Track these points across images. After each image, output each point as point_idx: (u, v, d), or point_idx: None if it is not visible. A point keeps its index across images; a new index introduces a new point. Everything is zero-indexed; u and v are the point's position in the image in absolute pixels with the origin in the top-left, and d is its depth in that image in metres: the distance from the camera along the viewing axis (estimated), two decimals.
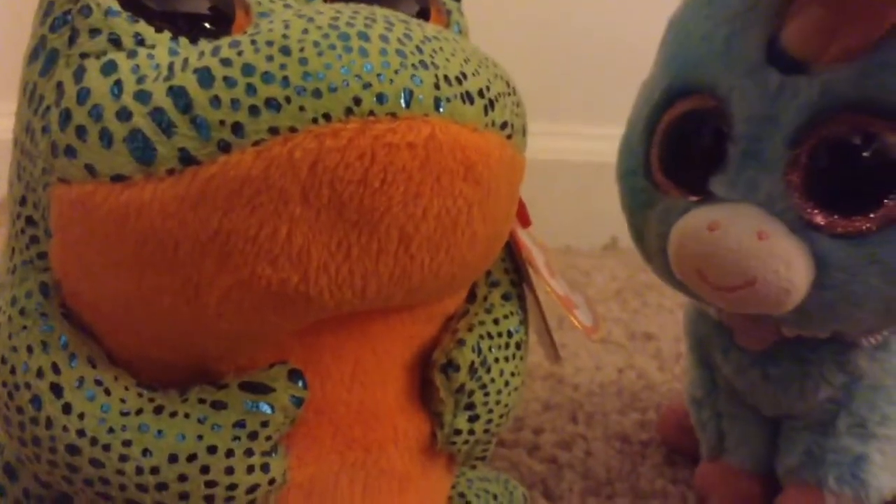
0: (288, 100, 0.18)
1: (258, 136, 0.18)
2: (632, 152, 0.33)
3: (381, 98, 0.19)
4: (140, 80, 0.19)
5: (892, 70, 0.26)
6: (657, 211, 0.31)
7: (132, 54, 0.20)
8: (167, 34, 0.21)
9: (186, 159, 0.19)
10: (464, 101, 0.20)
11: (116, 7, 0.21)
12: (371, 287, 0.21)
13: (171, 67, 0.19)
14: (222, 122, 0.18)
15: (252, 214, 0.19)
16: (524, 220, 0.30)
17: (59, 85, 0.21)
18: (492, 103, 0.21)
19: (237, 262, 0.19)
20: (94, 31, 0.21)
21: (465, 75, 0.20)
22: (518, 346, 0.28)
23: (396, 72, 0.19)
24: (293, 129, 0.18)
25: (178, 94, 0.19)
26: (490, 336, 0.27)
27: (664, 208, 0.31)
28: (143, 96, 0.19)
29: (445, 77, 0.20)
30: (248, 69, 0.19)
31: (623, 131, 0.34)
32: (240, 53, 0.19)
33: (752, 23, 0.29)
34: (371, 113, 0.19)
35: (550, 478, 0.40)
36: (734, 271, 0.28)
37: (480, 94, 0.21)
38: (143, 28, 0.21)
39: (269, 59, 0.19)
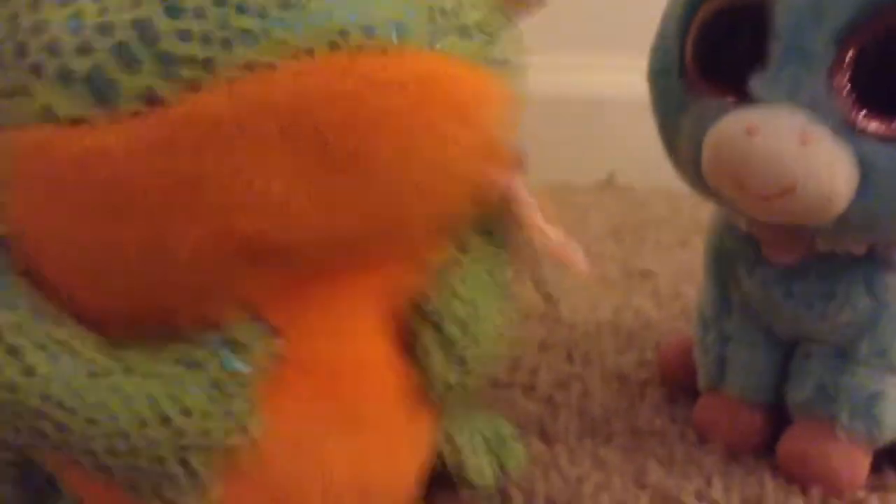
0: (265, 33, 0.17)
1: (231, 73, 0.17)
2: (665, 50, 0.31)
3: (369, 31, 0.17)
4: (102, 10, 0.18)
5: None
6: (691, 114, 0.30)
7: None
8: None
9: (153, 99, 0.17)
10: (460, 36, 0.19)
11: None
12: (354, 234, 0.20)
13: None
14: (192, 58, 0.17)
15: (226, 161, 0.17)
16: (519, 166, 0.29)
17: (13, 16, 0.19)
18: (490, 38, 0.20)
19: (209, 212, 0.18)
20: None
21: (461, 7, 0.19)
22: (508, 295, 0.27)
23: (386, 2, 0.17)
24: (271, 66, 0.17)
25: (143, 26, 0.17)
26: (481, 286, 0.26)
27: (698, 111, 0.29)
28: (104, 29, 0.17)
29: (441, 9, 0.18)
30: None
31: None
32: None
33: None
34: (358, 47, 0.17)
35: (547, 418, 0.40)
36: (774, 178, 0.26)
37: (478, 27, 0.19)
38: None
39: None
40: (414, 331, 0.25)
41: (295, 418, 0.23)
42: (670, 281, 0.56)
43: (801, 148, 0.26)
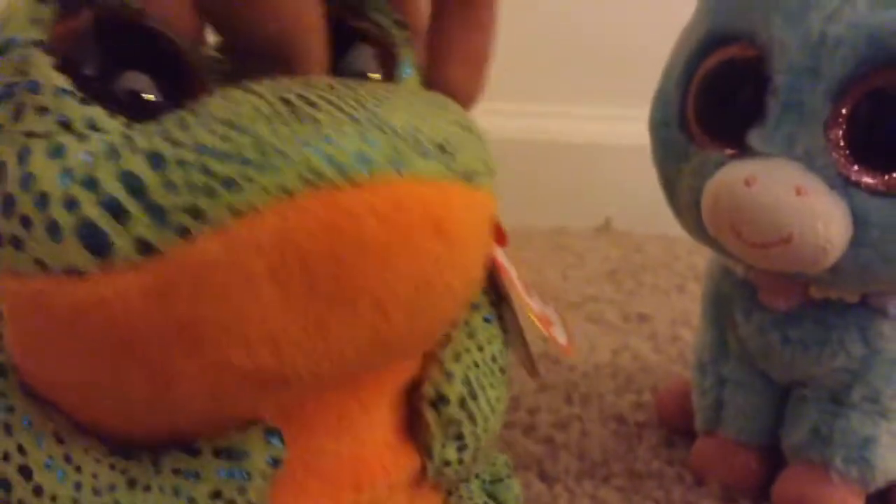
0: (246, 178, 0.17)
1: (218, 218, 0.17)
2: (667, 102, 0.32)
3: (339, 167, 0.18)
4: (88, 165, 0.18)
5: None
6: (691, 164, 0.31)
7: (82, 138, 0.19)
8: (121, 119, 0.19)
9: (145, 248, 0.17)
10: (424, 158, 0.19)
11: (68, 86, 0.19)
12: (349, 356, 0.20)
13: (118, 152, 0.18)
14: (179, 207, 0.17)
15: (221, 301, 0.18)
16: (501, 239, 0.30)
17: (1, 165, 0.19)
18: (452, 155, 0.20)
19: (208, 350, 0.18)
20: (42, 110, 0.19)
21: (420, 131, 0.19)
22: (502, 371, 0.28)
23: (351, 138, 0.18)
24: (255, 209, 0.17)
25: (129, 179, 0.17)
26: (477, 365, 0.27)
27: (699, 162, 0.30)
28: (91, 183, 0.18)
29: (402, 137, 0.19)
30: (200, 149, 0.18)
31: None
32: (190, 133, 0.18)
33: None
34: (332, 183, 0.18)
35: (546, 458, 0.40)
36: (770, 227, 0.27)
37: (441, 148, 0.20)
38: (95, 111, 0.19)
39: (222, 137, 0.18)
40: (413, 410, 0.26)
41: None
42: (667, 325, 0.56)
43: (797, 199, 0.27)
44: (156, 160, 0.18)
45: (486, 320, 0.28)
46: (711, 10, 0.31)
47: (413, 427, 0.26)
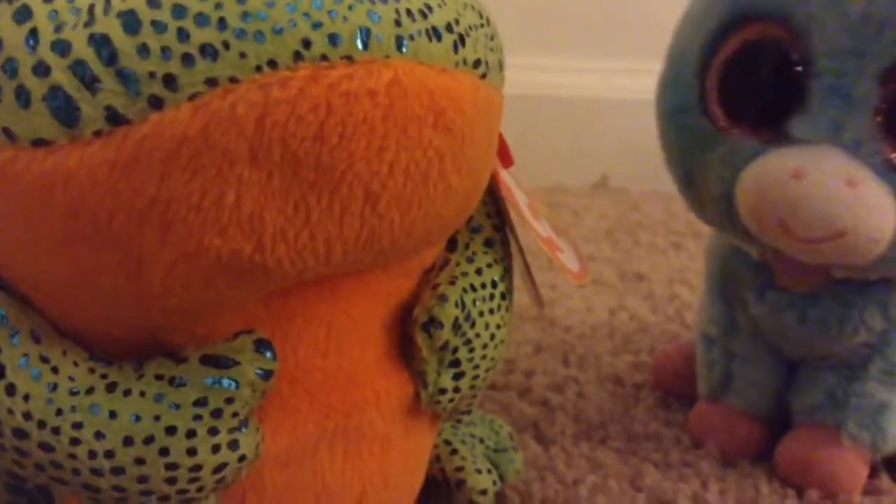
0: (226, 45, 0.16)
1: (194, 88, 0.16)
2: (684, 86, 0.30)
3: (333, 39, 0.16)
4: (58, 27, 0.17)
5: None
6: (719, 153, 0.29)
7: None
8: None
9: (115, 118, 0.16)
10: (430, 38, 0.18)
11: None
12: (336, 252, 0.19)
13: (91, 11, 0.17)
14: (152, 74, 0.16)
15: (193, 179, 0.17)
16: (506, 159, 0.28)
17: None
18: (462, 38, 0.19)
19: (180, 234, 0.17)
20: None
21: (429, 7, 0.18)
22: (503, 297, 0.26)
23: (350, 7, 0.17)
24: (234, 80, 0.16)
25: (100, 42, 0.16)
26: (473, 288, 0.25)
27: (727, 150, 0.29)
28: (61, 47, 0.16)
29: (407, 11, 0.17)
30: (178, 10, 0.16)
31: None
32: None
33: None
34: (323, 57, 0.16)
35: (542, 420, 0.39)
36: (823, 223, 0.26)
37: (448, 28, 0.18)
38: None
39: None
40: (408, 336, 0.25)
41: (286, 432, 0.23)
42: (664, 284, 0.55)
43: (850, 191, 0.26)
44: (130, 22, 0.16)
45: (488, 244, 0.27)
46: None
47: (407, 353, 0.25)
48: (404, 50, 0.17)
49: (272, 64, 0.16)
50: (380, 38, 0.17)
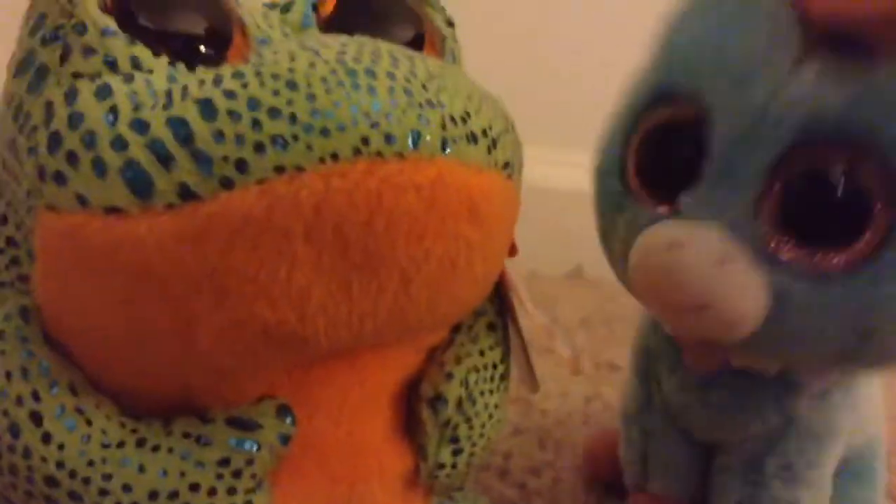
0: (295, 137, 0.18)
1: (262, 173, 0.18)
2: (610, 151, 0.32)
3: (389, 138, 0.18)
4: (137, 107, 0.18)
5: (888, 104, 0.25)
6: (625, 217, 0.30)
7: (128, 79, 0.19)
8: (165, 59, 0.19)
9: (186, 194, 0.18)
10: (469, 142, 0.20)
11: (113, 27, 0.19)
12: (367, 327, 0.20)
13: (169, 95, 0.18)
14: (225, 158, 0.18)
15: (253, 254, 0.18)
16: (511, 249, 0.30)
17: (49, 105, 0.19)
18: (494, 143, 0.21)
19: (234, 302, 0.19)
20: (89, 51, 0.19)
21: (469, 114, 0.20)
22: (502, 378, 0.28)
23: (404, 111, 0.18)
24: (299, 168, 0.18)
25: (178, 125, 0.18)
26: (477, 369, 0.27)
27: (632, 216, 0.30)
28: (140, 125, 0.18)
29: (451, 117, 0.19)
30: (253, 103, 0.18)
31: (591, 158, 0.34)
32: (244, 86, 0.18)
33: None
34: (378, 153, 0.18)
35: (520, 503, 0.40)
36: (688, 294, 0.27)
37: (484, 133, 0.20)
38: (141, 51, 0.19)
39: (276, 93, 0.18)
40: (411, 410, 0.26)
41: (296, 496, 0.24)
42: None
43: (718, 269, 0.26)
44: (207, 109, 0.18)
45: (490, 327, 0.28)
46: (661, 64, 0.30)
47: (410, 426, 0.26)
48: (448, 151, 0.19)
49: (334, 156, 0.18)
50: (428, 140, 0.19)
